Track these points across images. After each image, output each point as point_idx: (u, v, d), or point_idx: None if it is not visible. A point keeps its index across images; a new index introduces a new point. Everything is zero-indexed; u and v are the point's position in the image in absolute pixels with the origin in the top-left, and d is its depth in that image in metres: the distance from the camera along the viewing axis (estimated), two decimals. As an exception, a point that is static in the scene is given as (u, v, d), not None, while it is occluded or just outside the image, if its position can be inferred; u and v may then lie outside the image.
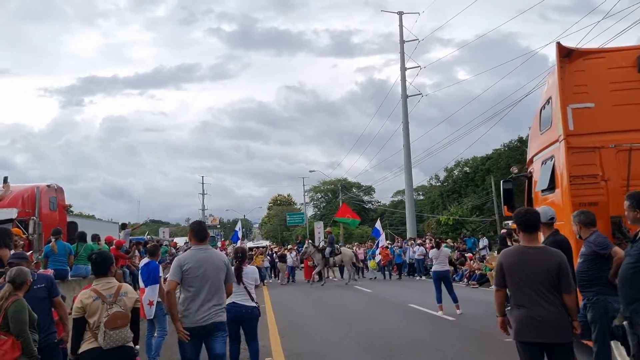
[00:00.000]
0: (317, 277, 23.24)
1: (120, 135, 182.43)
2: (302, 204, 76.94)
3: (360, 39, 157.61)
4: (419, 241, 24.51)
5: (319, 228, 52.57)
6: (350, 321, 12.24)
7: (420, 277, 23.47)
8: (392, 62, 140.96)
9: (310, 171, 72.15)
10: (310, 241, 22.53)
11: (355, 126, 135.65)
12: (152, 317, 8.42)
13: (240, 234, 28.45)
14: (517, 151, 45.26)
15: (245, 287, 7.56)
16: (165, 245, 20.79)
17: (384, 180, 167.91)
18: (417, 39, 39.66)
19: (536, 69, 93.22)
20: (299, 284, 24.66)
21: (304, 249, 24.39)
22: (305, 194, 76.72)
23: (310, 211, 77.43)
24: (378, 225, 25.57)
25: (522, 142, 45.59)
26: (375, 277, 25.41)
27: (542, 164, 8.79)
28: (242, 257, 7.74)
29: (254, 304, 7.59)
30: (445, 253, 12.81)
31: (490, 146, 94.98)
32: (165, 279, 9.13)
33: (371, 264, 27.42)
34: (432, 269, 13.14)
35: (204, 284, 5.55)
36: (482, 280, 18.31)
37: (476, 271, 18.94)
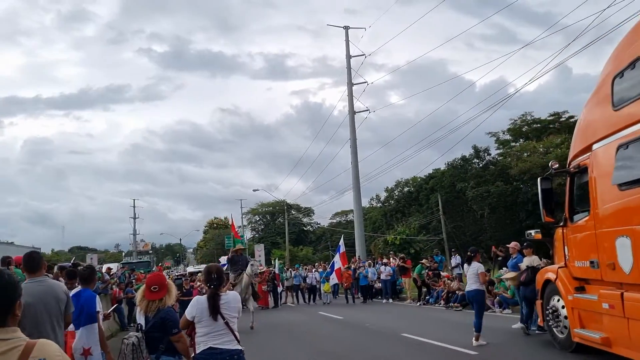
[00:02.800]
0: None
1: (43, 157, 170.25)
2: (240, 226, 73.25)
3: (295, 62, 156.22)
4: (384, 261, 22.10)
5: (259, 250, 49.68)
6: None
7: (388, 300, 21.01)
8: (327, 85, 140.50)
9: (254, 190, 69.02)
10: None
11: (292, 149, 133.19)
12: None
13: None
14: (460, 169, 44.35)
15: (227, 323, 4.78)
16: (98, 271, 17.19)
17: (322, 204, 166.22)
18: (363, 54, 38.20)
19: (465, 94, 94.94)
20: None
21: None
22: (243, 216, 73.28)
23: (248, 234, 73.87)
24: (341, 243, 22.95)
25: (465, 161, 44.80)
26: (329, 302, 22.72)
27: (621, 148, 6.56)
28: (218, 281, 4.94)
29: (238, 347, 4.85)
30: (474, 270, 10.30)
31: (420, 168, 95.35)
32: (106, 315, 6.15)
33: (325, 287, 24.80)
34: (465, 289, 10.86)
35: None
36: (466, 302, 16.01)
37: (457, 292, 16.66)
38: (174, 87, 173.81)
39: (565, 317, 8.47)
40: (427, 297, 18.84)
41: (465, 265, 10.45)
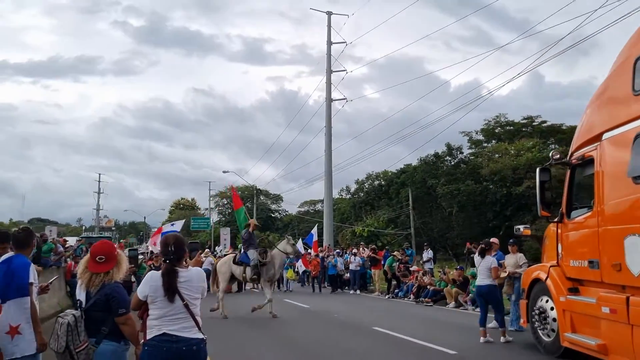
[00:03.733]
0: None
1: (6, 124, 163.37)
2: (207, 209, 71.86)
3: (274, 47, 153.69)
4: (354, 251, 21.36)
5: (225, 234, 48.56)
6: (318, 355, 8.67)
7: (356, 291, 20.28)
8: (304, 74, 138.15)
9: (225, 172, 67.34)
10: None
11: (264, 135, 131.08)
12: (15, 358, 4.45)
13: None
14: (432, 166, 44.00)
15: (187, 306, 3.87)
16: (50, 242, 15.94)
17: (291, 191, 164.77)
18: (344, 42, 37.34)
19: (439, 93, 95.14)
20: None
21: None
22: (211, 199, 71.81)
23: (215, 217, 72.39)
24: (314, 231, 21.94)
25: (438, 158, 44.46)
26: (291, 289, 21.86)
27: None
28: (176, 254, 4.01)
29: (199, 335, 3.95)
30: (488, 264, 9.41)
31: (390, 162, 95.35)
32: (42, 288, 5.17)
33: (289, 274, 23.95)
34: (476, 283, 9.99)
35: None
36: (437, 298, 15.42)
37: (428, 287, 16.03)
38: (148, 63, 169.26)
39: (554, 320, 7.82)
40: (396, 291, 18.19)
41: (477, 258, 9.69)
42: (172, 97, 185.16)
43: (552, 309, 7.91)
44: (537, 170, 7.87)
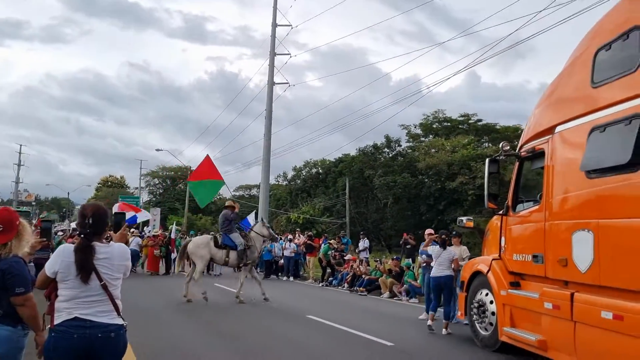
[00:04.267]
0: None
1: None
2: (137, 188, 69.18)
3: (215, 27, 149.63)
4: (289, 237, 20.90)
5: (155, 214, 46.80)
6: (250, 345, 8.14)
7: (289, 277, 19.88)
8: (245, 56, 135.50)
9: (158, 150, 64.61)
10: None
11: (201, 116, 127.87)
12: None
13: None
14: (370, 157, 44.26)
15: (105, 287, 3.32)
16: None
17: (227, 173, 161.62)
18: (290, 25, 36.59)
19: (380, 86, 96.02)
20: (141, 276, 19.52)
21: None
22: (142, 178, 69.19)
23: (145, 196, 69.87)
24: (251, 217, 21.20)
25: (376, 149, 44.75)
26: (220, 274, 21.16)
27: (597, 131, 5.70)
28: (95, 227, 3.41)
29: (118, 321, 3.40)
30: (449, 255, 9.23)
31: (328, 151, 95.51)
32: None
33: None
34: (432, 274, 9.52)
35: None
36: (372, 287, 15.26)
37: (363, 276, 15.85)
38: (81, 32, 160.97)
39: (493, 314, 7.70)
40: (330, 279, 17.93)
41: (436, 249, 9.39)
42: (105, 69, 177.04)
43: (491, 302, 7.79)
44: (487, 161, 7.70)
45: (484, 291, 8.02)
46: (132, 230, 22.12)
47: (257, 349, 7.54)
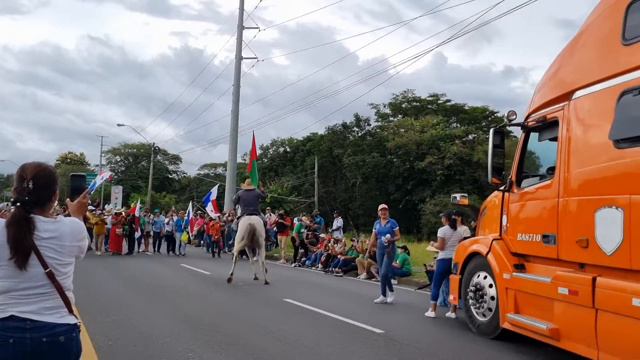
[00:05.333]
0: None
1: None
2: (98, 165, 66.67)
3: (179, 1, 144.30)
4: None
5: (117, 192, 45.22)
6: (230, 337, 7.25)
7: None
8: (211, 32, 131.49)
9: (119, 125, 62.50)
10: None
11: (165, 92, 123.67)
12: None
13: None
14: (339, 135, 43.49)
15: (50, 275, 2.40)
16: None
17: (190, 151, 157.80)
18: (259, -2, 35.19)
19: (347, 65, 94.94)
20: (102, 257, 18.32)
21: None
22: (103, 155, 66.73)
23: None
24: (214, 190, 20.09)
25: (345, 128, 43.97)
26: (184, 254, 20.15)
27: (629, 94, 4.99)
28: (36, 193, 2.48)
29: (71, 320, 2.50)
30: (460, 236, 8.58)
31: (295, 130, 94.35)
32: None
33: (183, 236, 22.21)
34: (439, 257, 8.80)
35: None
36: (347, 268, 14.54)
37: (339, 256, 15.11)
38: (38, 3, 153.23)
39: (492, 298, 7.02)
40: (303, 259, 17.14)
41: (447, 230, 8.66)
42: (64, 43, 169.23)
43: (490, 286, 7.11)
44: (491, 131, 6.93)
45: (482, 274, 7.33)
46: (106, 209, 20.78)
47: (233, 338, 6.67)
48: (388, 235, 9.68)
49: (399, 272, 13.07)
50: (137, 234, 20.52)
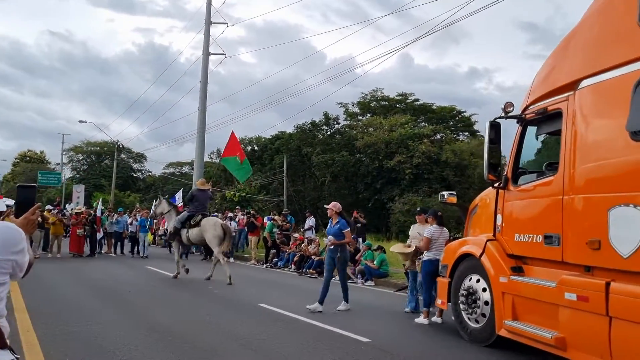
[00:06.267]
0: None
1: None
2: (59, 163, 64.29)
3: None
4: (230, 215, 19.12)
5: (79, 191, 43.53)
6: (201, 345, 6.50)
7: (229, 258, 18.15)
8: (176, 29, 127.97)
9: (81, 121, 61.23)
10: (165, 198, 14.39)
11: (129, 89, 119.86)
12: None
13: None
14: (309, 134, 42.83)
15: None
16: None
17: (155, 149, 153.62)
18: (227, -7, 34.21)
19: (313, 63, 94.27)
20: (61, 259, 17.20)
21: (155, 207, 15.59)
22: (64, 153, 64.34)
23: (67, 173, 65.06)
24: (178, 195, 18.99)
25: (315, 126, 43.34)
26: (147, 255, 19.16)
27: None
28: None
29: (6, 358, 1.79)
30: (446, 235, 8.12)
31: (262, 129, 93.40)
32: None
33: (149, 237, 21.31)
34: (425, 258, 8.15)
35: None
36: (322, 269, 13.87)
37: (313, 257, 14.46)
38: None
39: (487, 303, 6.51)
40: (275, 260, 16.43)
41: (435, 229, 8.12)
42: (23, 37, 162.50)
43: (484, 290, 6.59)
44: (487, 124, 6.38)
45: (475, 277, 6.81)
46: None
47: (206, 353, 5.95)
48: (331, 238, 8.77)
49: (376, 273, 12.53)
50: (99, 235, 19.43)
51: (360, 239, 14.40)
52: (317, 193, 41.22)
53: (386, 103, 45.11)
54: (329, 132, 43.37)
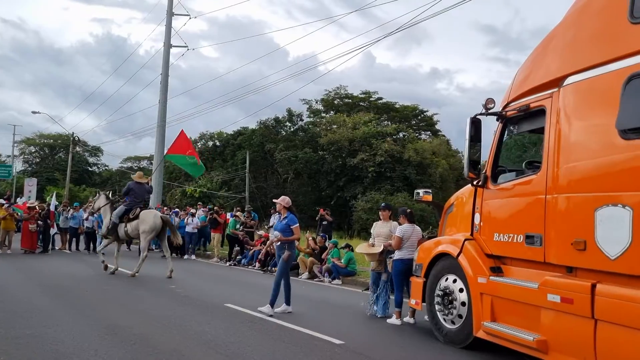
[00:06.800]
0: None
1: None
2: (10, 156, 61.59)
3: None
4: (192, 211, 18.50)
5: (31, 185, 41.76)
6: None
7: (191, 256, 17.61)
8: (135, 20, 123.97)
9: (35, 112, 59.06)
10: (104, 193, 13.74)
11: (85, 81, 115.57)
12: None
13: None
14: (272, 130, 42.37)
15: None
16: None
17: (112, 142, 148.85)
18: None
19: (276, 60, 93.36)
20: (16, 255, 16.26)
21: (94, 201, 15.07)
22: (16, 145, 61.70)
23: (19, 166, 62.41)
24: None
25: (278, 122, 42.91)
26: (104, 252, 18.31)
27: (637, 78, 4.41)
28: None
29: None
30: (418, 233, 7.86)
31: (224, 124, 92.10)
32: None
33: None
34: (396, 257, 7.84)
35: None
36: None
37: (278, 254, 14.08)
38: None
39: (463, 304, 6.34)
40: (238, 257, 15.98)
41: (407, 228, 7.85)
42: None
43: (461, 290, 6.42)
44: (468, 120, 6.19)
45: (451, 277, 6.64)
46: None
47: (170, 356, 5.55)
48: (277, 233, 8.16)
49: (343, 272, 12.30)
50: (53, 230, 18.49)
51: (326, 237, 14.13)
52: (279, 190, 40.76)
53: (350, 101, 45.09)
54: (292, 129, 43.03)
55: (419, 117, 45.07)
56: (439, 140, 41.56)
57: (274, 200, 8.53)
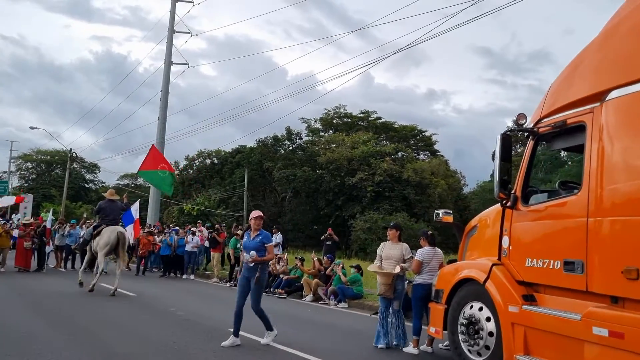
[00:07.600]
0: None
1: None
2: (6, 172, 60.84)
3: (102, 4, 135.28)
4: (192, 229, 17.92)
5: (26, 202, 40.97)
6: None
7: (189, 275, 17.00)
8: (135, 38, 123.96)
9: (32, 127, 58.89)
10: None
11: (84, 98, 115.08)
12: None
13: None
14: (270, 148, 42.00)
15: None
16: None
17: (109, 158, 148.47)
18: (191, 1, 33.11)
19: (274, 79, 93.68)
20: (10, 273, 15.60)
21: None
22: (12, 161, 61.00)
23: (15, 181, 61.64)
24: (135, 207, 17.61)
25: (277, 141, 42.59)
26: (106, 272, 17.71)
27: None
28: None
29: None
30: (439, 257, 7.39)
31: (222, 143, 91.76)
32: None
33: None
34: (416, 281, 7.35)
35: None
36: (292, 289, 13.02)
37: (282, 276, 13.55)
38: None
39: (491, 334, 5.83)
40: (239, 278, 15.37)
41: (428, 251, 7.38)
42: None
43: (488, 319, 5.91)
44: (498, 137, 5.75)
45: (476, 304, 6.13)
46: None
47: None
48: (253, 253, 7.12)
49: (350, 294, 11.76)
50: (49, 248, 17.85)
51: (332, 257, 13.60)
52: (277, 208, 40.31)
53: (349, 120, 44.88)
54: (291, 148, 42.68)
55: (418, 137, 44.86)
56: (437, 161, 41.27)
57: (251, 215, 7.51)
